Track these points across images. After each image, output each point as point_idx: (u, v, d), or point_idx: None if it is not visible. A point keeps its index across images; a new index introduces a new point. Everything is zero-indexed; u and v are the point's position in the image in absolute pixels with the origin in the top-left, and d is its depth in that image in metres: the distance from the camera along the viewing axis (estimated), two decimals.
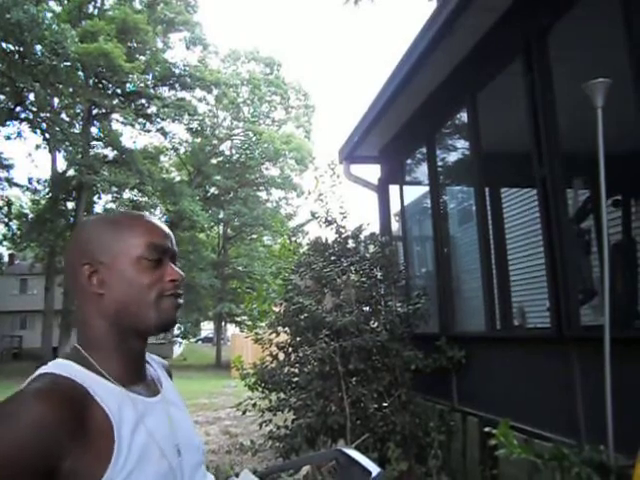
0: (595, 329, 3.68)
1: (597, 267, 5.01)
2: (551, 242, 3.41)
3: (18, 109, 23.02)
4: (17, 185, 25.26)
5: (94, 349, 0.98)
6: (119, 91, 24.73)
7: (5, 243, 30.53)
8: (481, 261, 4.35)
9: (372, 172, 6.89)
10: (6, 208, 25.86)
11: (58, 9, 23.63)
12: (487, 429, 2.89)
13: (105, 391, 0.93)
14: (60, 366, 0.95)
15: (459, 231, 6.05)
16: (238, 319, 28.50)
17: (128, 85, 24.43)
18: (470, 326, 5.09)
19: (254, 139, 28.86)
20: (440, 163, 5.51)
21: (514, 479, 3.31)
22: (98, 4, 25.24)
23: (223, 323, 32.10)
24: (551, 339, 3.52)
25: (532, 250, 5.64)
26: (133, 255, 1.00)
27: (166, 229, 1.08)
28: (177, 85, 26.20)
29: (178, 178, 30.55)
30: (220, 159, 30.93)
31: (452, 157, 5.73)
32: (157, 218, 1.16)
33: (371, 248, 5.33)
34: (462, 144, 5.43)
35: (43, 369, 0.94)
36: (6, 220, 26.41)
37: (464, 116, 4.79)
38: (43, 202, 26.54)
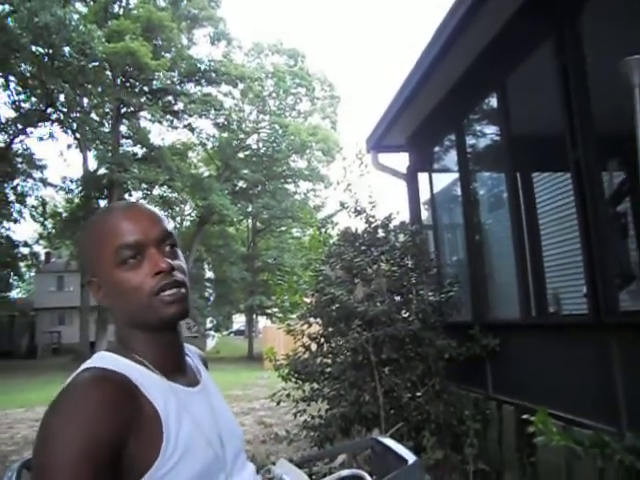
0: (636, 314, 3.60)
1: (635, 251, 4.89)
2: (587, 226, 3.32)
3: (49, 110, 23.50)
4: (51, 185, 25.85)
5: (131, 345, 1.00)
6: (146, 89, 25.03)
7: (41, 242, 31.39)
8: (514, 247, 4.27)
9: (400, 161, 6.83)
10: (41, 208, 26.50)
11: (84, 10, 24.00)
12: (525, 416, 2.85)
13: (150, 382, 0.94)
14: (105, 359, 0.96)
15: (490, 217, 5.95)
16: (269, 311, 28.74)
17: (155, 83, 24.71)
18: (504, 314, 5.02)
19: (280, 132, 28.89)
20: (469, 149, 5.43)
21: (553, 466, 3.26)
22: (123, 3, 25.54)
23: (254, 315, 32.39)
24: (589, 325, 3.44)
25: (567, 235, 5.52)
26: (111, 263, 0.97)
27: (140, 216, 1.00)
28: (203, 81, 26.35)
29: (207, 173, 30.84)
30: (247, 153, 31.06)
31: (482, 143, 5.63)
32: (138, 202, 1.12)
33: (401, 237, 5.29)
34: (492, 129, 5.33)
35: (88, 363, 0.95)
36: (41, 219, 27.09)
37: (493, 101, 4.70)
38: (76, 201, 27.12)
